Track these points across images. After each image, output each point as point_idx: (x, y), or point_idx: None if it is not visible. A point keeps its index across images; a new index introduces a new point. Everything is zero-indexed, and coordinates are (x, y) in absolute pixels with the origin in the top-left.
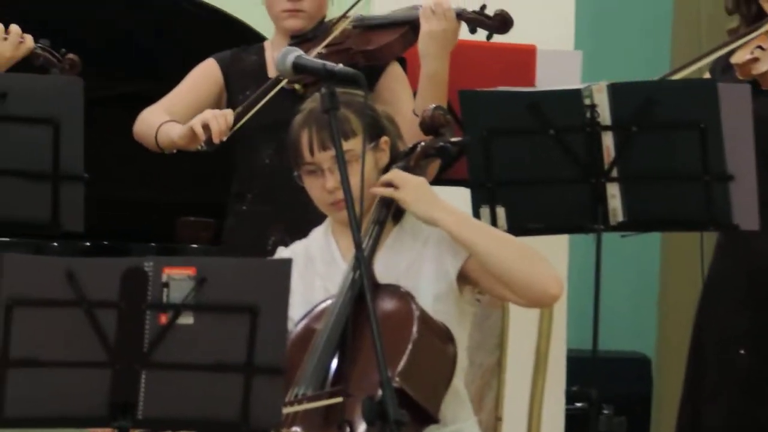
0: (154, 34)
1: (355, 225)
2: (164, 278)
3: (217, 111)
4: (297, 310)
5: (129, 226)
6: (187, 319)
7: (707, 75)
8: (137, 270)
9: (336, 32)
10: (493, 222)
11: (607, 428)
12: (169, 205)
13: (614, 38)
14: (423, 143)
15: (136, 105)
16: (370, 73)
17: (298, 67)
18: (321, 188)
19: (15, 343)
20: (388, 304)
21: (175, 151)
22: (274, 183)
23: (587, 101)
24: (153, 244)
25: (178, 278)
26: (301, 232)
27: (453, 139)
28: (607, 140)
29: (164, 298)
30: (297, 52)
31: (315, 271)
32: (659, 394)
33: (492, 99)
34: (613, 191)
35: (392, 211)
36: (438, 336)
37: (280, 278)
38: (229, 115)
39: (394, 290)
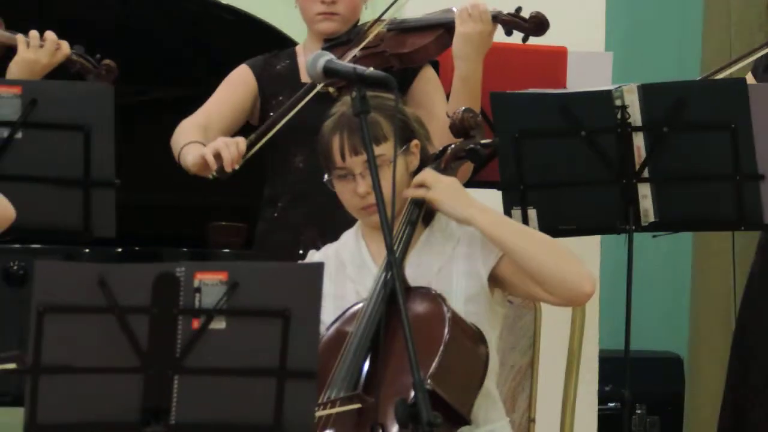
0: (184, 40)
1: (387, 229)
2: (196, 283)
3: (228, 139)
4: (328, 314)
5: (161, 232)
6: (219, 324)
7: (750, 74)
8: (169, 275)
9: (370, 36)
10: (525, 224)
11: (640, 428)
12: (201, 210)
13: (645, 39)
14: (453, 145)
15: (166, 111)
16: (404, 76)
17: (329, 71)
18: (352, 193)
19: (47, 350)
20: (419, 307)
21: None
22: (307, 187)
23: (618, 102)
24: (185, 249)
25: (210, 283)
26: (334, 237)
27: (483, 141)
28: (638, 141)
29: (196, 304)
30: (327, 56)
31: (346, 274)
32: (692, 394)
33: (523, 101)
34: (645, 192)
35: (423, 212)
36: (470, 337)
37: (312, 282)
38: (241, 143)
39: (425, 293)
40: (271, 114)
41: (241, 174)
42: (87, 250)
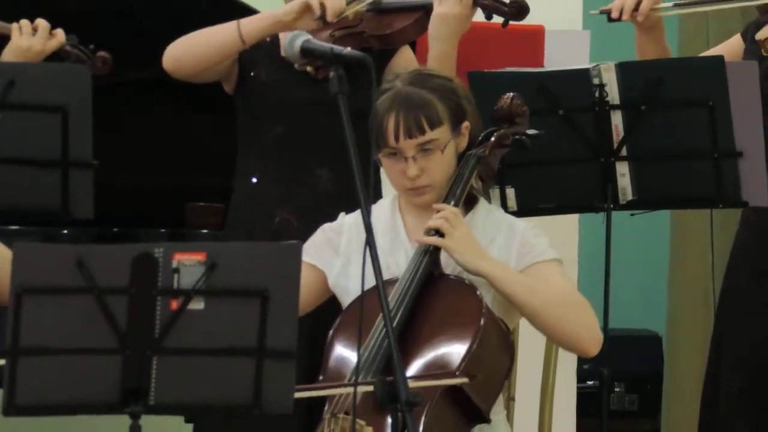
0: (162, 20)
1: (366, 218)
2: (174, 264)
3: None
4: (353, 281)
5: (139, 213)
6: (197, 305)
7: (738, 36)
8: (147, 256)
9: (348, 12)
10: (503, 203)
11: (619, 406)
12: (179, 191)
13: None
14: (499, 132)
15: (144, 91)
16: (381, 56)
17: (306, 51)
18: (401, 173)
19: (25, 331)
20: (453, 297)
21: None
22: (281, 163)
23: (596, 81)
24: (163, 230)
25: (188, 264)
26: (308, 214)
27: (530, 132)
28: (616, 119)
29: (175, 284)
30: (305, 35)
31: (377, 244)
32: (670, 372)
33: (500, 79)
34: (623, 170)
35: (437, 256)
36: (500, 334)
37: (291, 262)
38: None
39: (459, 281)
40: (247, 89)
41: (218, 153)
42: (65, 232)
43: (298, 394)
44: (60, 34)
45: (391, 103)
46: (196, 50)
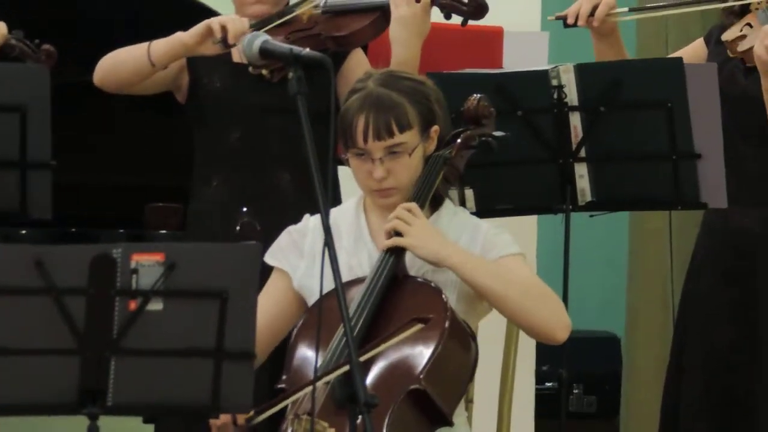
0: (115, 20)
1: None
2: (133, 264)
3: (234, 15)
4: (317, 282)
5: (98, 213)
6: (156, 305)
7: (701, 41)
8: (106, 256)
9: (298, 12)
10: (462, 204)
11: (577, 407)
12: (139, 191)
13: None
14: (465, 133)
15: (100, 91)
16: (334, 58)
17: (265, 52)
18: (368, 174)
19: None
20: (418, 299)
21: (164, 67)
22: (240, 169)
23: (554, 82)
24: (122, 230)
25: (146, 264)
26: (270, 219)
27: (496, 133)
28: (575, 120)
29: (133, 285)
30: (263, 36)
31: (341, 244)
32: (629, 373)
33: (459, 80)
34: (581, 171)
35: (401, 260)
36: (464, 338)
37: (250, 263)
38: (246, 20)
39: (425, 285)
40: (201, 97)
41: (177, 152)
42: (23, 232)
43: (262, 416)
44: (2, 26)
45: (361, 104)
46: (117, 69)
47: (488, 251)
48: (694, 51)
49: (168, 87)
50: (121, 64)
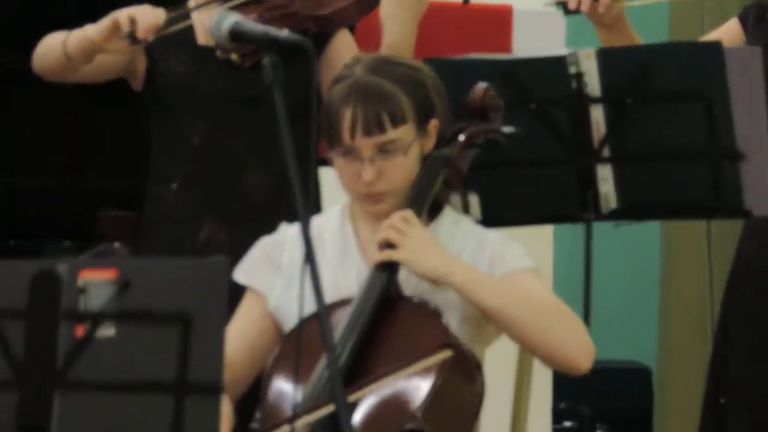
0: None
1: (306, 237)
2: (80, 283)
3: (147, 6)
4: (297, 304)
5: (39, 223)
6: (107, 331)
7: (735, 20)
8: (49, 274)
9: None
10: (465, 212)
11: None
12: (87, 197)
13: None
14: (469, 129)
15: (40, 83)
16: (316, 41)
17: (236, 35)
18: (355, 176)
19: None
20: (413, 324)
21: (89, 61)
22: (205, 168)
23: (573, 69)
24: (68, 243)
25: (96, 283)
26: (240, 229)
27: (505, 129)
28: (597, 114)
29: (81, 306)
30: (234, 16)
31: (325, 259)
32: (661, 410)
33: (460, 68)
34: (605, 174)
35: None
36: (468, 368)
37: (216, 281)
38: (160, 13)
39: (421, 307)
40: (159, 85)
41: (131, 152)
42: None
43: None
44: None
45: (347, 94)
46: (45, 58)
47: (496, 266)
48: (728, 33)
49: (121, 73)
50: (50, 52)
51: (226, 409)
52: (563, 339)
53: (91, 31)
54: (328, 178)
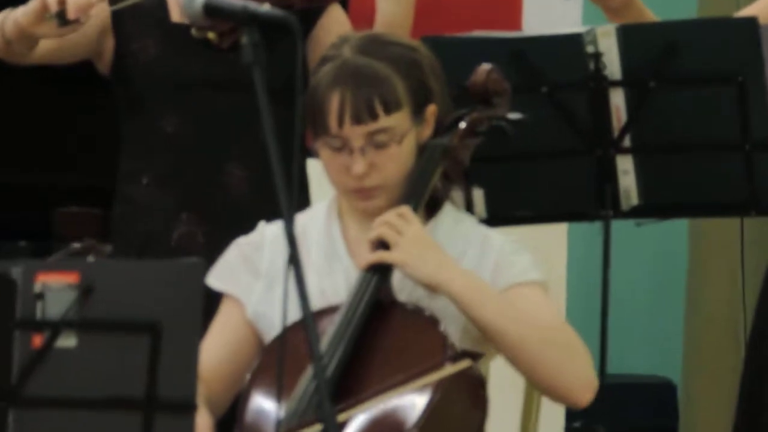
0: None
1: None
2: (38, 288)
3: None
4: (278, 311)
5: None
6: (68, 341)
7: None
8: (2, 277)
9: None
10: (468, 209)
11: None
12: (46, 192)
13: None
14: (471, 116)
15: None
16: (305, 17)
17: (211, 10)
18: (344, 169)
19: None
20: (408, 333)
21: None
22: (179, 161)
23: (590, 49)
24: (24, 243)
25: (56, 288)
26: (218, 225)
27: (512, 116)
28: (617, 99)
29: (38, 314)
30: None
31: (310, 261)
32: (687, 429)
33: (464, 47)
34: (625, 166)
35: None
36: (470, 383)
37: (190, 286)
38: None
39: (417, 314)
40: (128, 68)
41: (97, 143)
42: None
43: None
44: None
45: (335, 78)
46: None
47: (500, 275)
48: (765, 9)
49: (87, 54)
50: None
51: (207, 428)
52: (563, 371)
53: (19, 14)
54: (316, 171)
